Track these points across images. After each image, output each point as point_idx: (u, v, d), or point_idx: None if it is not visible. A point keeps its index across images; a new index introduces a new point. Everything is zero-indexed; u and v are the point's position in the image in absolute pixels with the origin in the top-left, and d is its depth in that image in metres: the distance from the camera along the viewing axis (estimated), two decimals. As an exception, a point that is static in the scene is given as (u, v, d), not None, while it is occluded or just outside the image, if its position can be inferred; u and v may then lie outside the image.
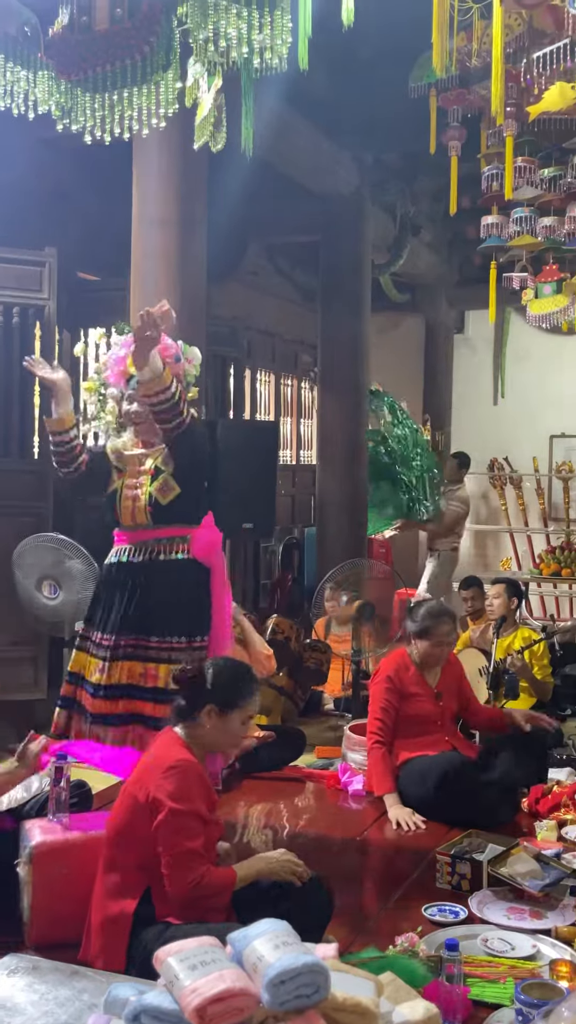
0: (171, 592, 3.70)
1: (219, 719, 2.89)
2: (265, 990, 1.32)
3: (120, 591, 3.77)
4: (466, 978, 2.61)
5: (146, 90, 2.79)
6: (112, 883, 2.76)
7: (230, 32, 2.70)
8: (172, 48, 2.76)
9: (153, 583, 3.72)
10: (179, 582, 3.72)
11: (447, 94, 5.18)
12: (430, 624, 4.48)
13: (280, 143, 6.60)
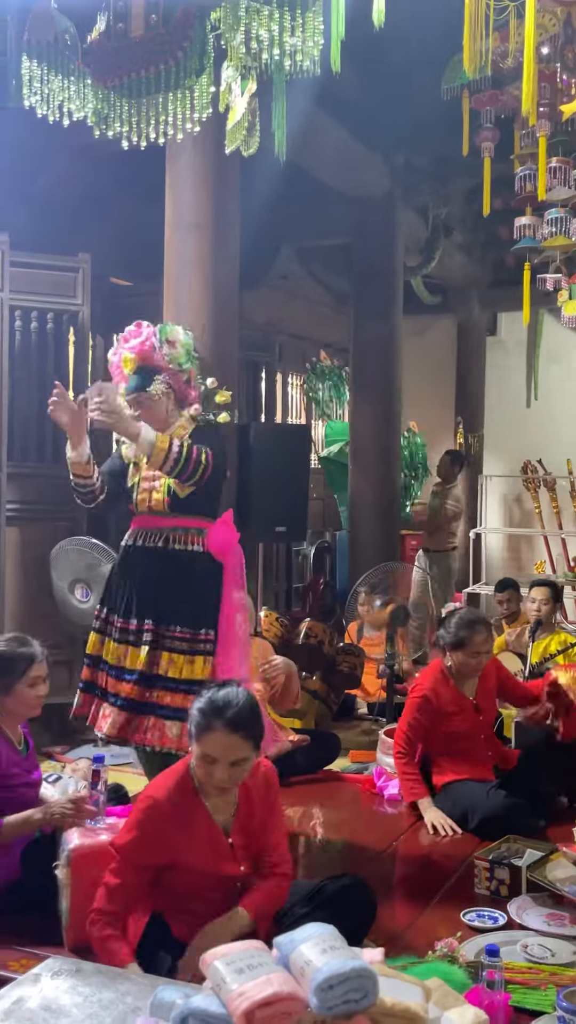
0: (182, 582, 3.68)
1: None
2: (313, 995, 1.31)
3: (136, 575, 3.75)
4: (507, 984, 2.59)
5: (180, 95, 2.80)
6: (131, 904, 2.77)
7: (262, 34, 2.70)
8: (206, 52, 2.77)
9: (167, 570, 3.69)
10: (191, 573, 3.69)
11: (480, 95, 5.16)
12: (465, 634, 4.32)
13: (311, 146, 6.61)
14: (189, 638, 3.65)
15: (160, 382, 3.69)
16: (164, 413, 3.74)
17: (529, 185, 5.62)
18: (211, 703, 2.70)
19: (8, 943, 3.04)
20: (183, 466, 3.56)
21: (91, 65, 2.84)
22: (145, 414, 3.74)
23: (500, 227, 9.17)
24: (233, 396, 5.53)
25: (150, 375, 3.70)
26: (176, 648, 3.65)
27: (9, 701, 3.38)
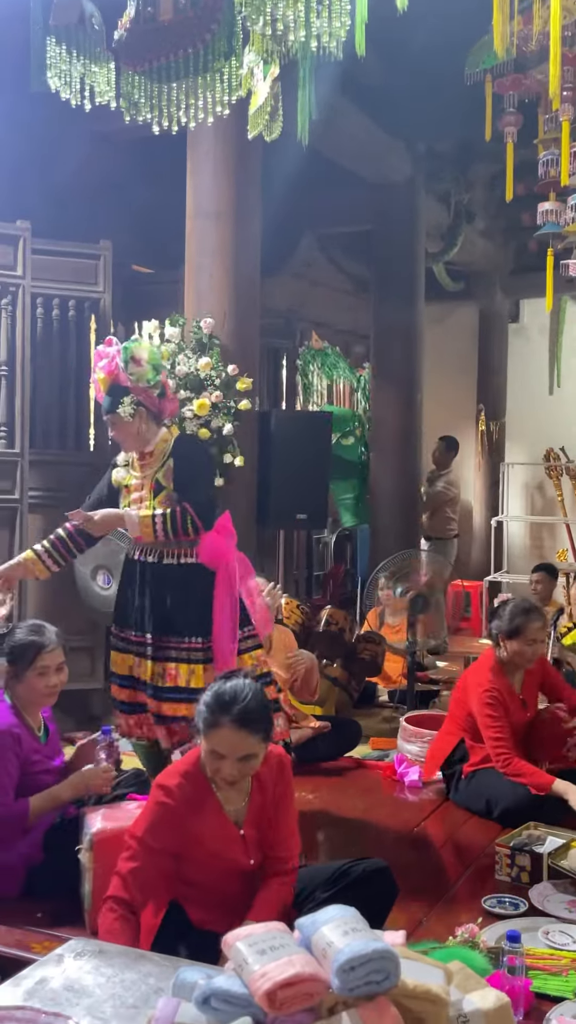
0: (174, 593, 3.71)
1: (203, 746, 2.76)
2: (335, 976, 1.31)
3: (139, 588, 3.79)
4: (528, 970, 2.60)
5: (210, 78, 2.79)
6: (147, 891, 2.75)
7: (288, 15, 2.68)
8: (235, 35, 2.76)
9: (160, 583, 3.73)
10: (187, 584, 3.71)
11: (503, 80, 5.12)
12: (521, 622, 4.26)
13: (333, 133, 6.58)
14: (184, 647, 3.69)
15: (128, 404, 3.68)
16: (137, 431, 3.74)
17: (552, 170, 5.57)
18: (217, 698, 2.64)
19: (31, 925, 3.07)
20: (172, 529, 3.64)
21: (120, 50, 2.84)
22: (119, 434, 3.79)
23: (523, 213, 9.08)
24: (254, 383, 5.56)
25: (119, 395, 3.70)
26: (171, 657, 3.69)
27: (20, 688, 3.41)
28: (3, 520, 5.69)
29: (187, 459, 3.78)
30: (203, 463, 3.96)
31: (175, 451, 3.78)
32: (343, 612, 6.19)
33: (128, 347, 3.71)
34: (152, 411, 3.77)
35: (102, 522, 3.74)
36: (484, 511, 11.22)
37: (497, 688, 4.24)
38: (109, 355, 3.72)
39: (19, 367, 5.73)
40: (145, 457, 3.82)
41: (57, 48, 2.87)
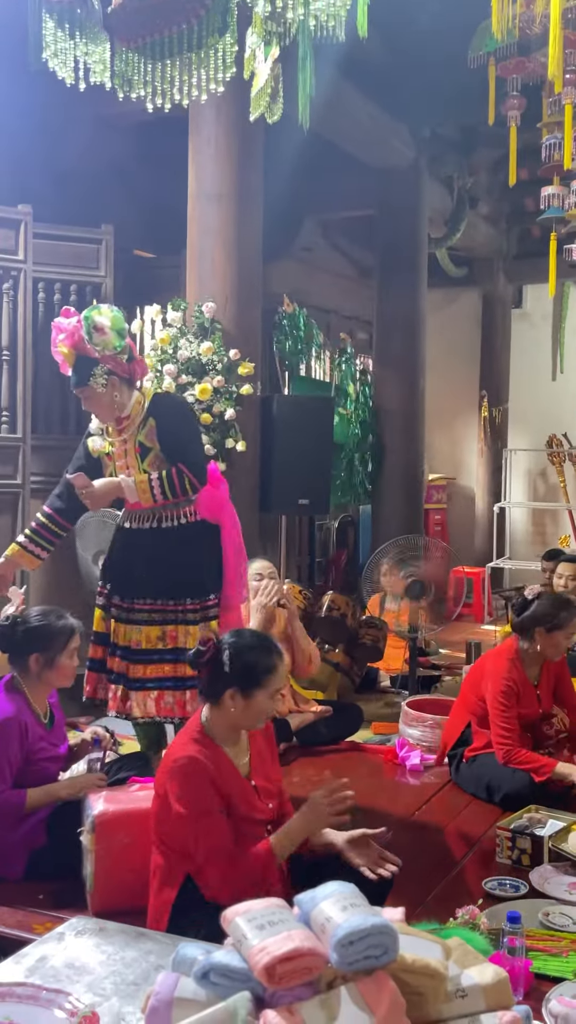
0: (182, 555, 3.67)
1: (243, 701, 2.73)
2: (334, 950, 1.32)
3: (133, 555, 3.76)
4: (528, 951, 2.61)
5: (204, 55, 2.78)
6: (159, 867, 2.75)
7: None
8: (229, 10, 2.75)
9: (163, 548, 3.70)
10: (189, 545, 3.68)
11: (506, 63, 5.10)
12: (566, 616, 4.20)
13: (335, 116, 6.56)
14: (199, 607, 3.69)
15: (100, 375, 3.61)
16: (111, 399, 3.66)
17: (556, 154, 5.56)
18: (263, 644, 2.80)
19: (33, 907, 3.08)
20: (171, 491, 3.60)
21: (114, 27, 2.82)
22: (93, 406, 3.71)
23: (526, 197, 9.07)
24: (256, 368, 5.56)
25: (88, 368, 3.61)
26: (190, 620, 3.69)
27: (52, 674, 3.42)
28: (5, 505, 5.70)
29: (171, 418, 3.71)
30: (188, 420, 3.85)
31: (154, 411, 3.70)
32: (345, 597, 6.18)
33: (88, 316, 3.60)
34: (124, 377, 3.69)
35: (101, 492, 3.66)
36: (487, 497, 11.21)
37: (514, 679, 4.21)
38: (69, 328, 3.63)
39: (21, 352, 5.72)
40: (122, 422, 3.74)
41: (53, 26, 2.86)
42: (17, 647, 3.41)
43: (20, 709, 3.35)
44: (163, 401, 3.81)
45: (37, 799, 3.29)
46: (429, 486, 10.08)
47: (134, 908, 2.79)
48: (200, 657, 2.73)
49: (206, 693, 2.78)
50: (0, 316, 5.72)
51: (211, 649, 2.75)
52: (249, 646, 2.78)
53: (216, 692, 2.74)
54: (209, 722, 2.77)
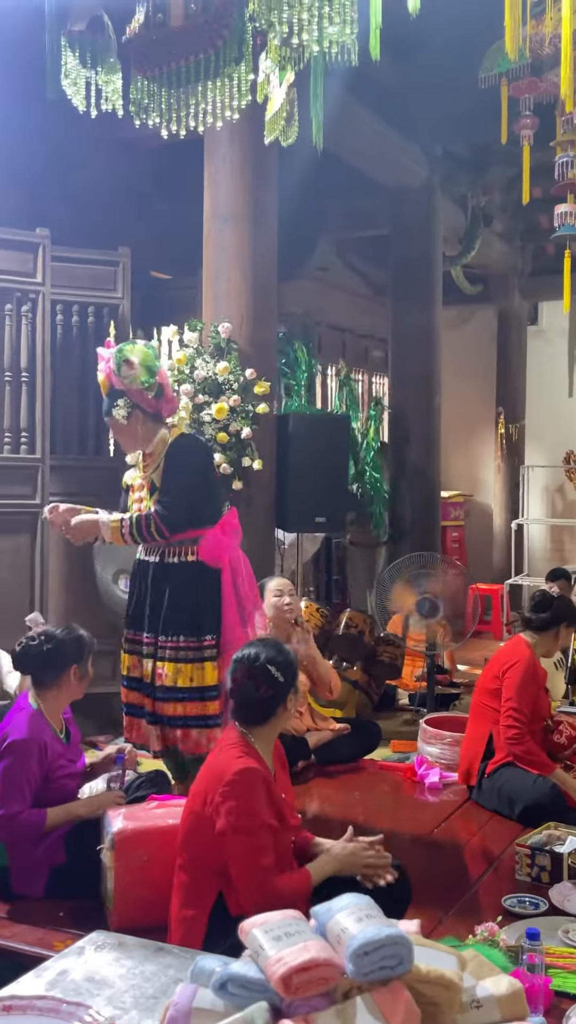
0: (180, 593, 3.71)
1: (283, 712, 2.84)
2: (349, 961, 1.33)
3: (141, 588, 3.82)
4: (547, 968, 2.60)
5: (220, 83, 2.82)
6: (185, 885, 2.74)
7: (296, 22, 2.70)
8: (244, 40, 2.79)
9: (165, 583, 3.74)
10: (188, 583, 3.71)
11: (518, 83, 5.13)
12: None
13: (349, 137, 6.62)
14: (195, 646, 3.70)
15: (122, 406, 3.69)
16: (134, 433, 3.75)
17: (569, 172, 5.58)
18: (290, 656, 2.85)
19: (53, 924, 3.10)
20: (139, 534, 3.67)
21: (131, 56, 2.87)
22: (118, 435, 3.83)
23: (540, 215, 9.11)
24: (272, 387, 5.59)
25: (114, 398, 3.71)
26: (183, 658, 3.69)
27: (80, 685, 3.49)
28: (25, 525, 5.73)
29: (178, 460, 3.75)
30: (192, 467, 3.81)
31: (169, 450, 3.77)
32: (362, 615, 6.19)
33: (122, 349, 3.69)
34: (149, 412, 3.76)
35: (77, 528, 3.75)
36: (504, 514, 11.20)
37: (535, 665, 4.31)
38: (106, 357, 3.74)
39: (39, 373, 5.78)
40: (147, 458, 3.84)
41: (70, 55, 2.91)
42: (50, 663, 3.43)
43: (40, 728, 3.37)
44: (181, 443, 3.84)
45: (56, 818, 3.31)
46: (446, 503, 10.08)
47: (153, 925, 2.79)
48: (258, 680, 2.76)
49: (258, 716, 2.80)
50: (19, 338, 5.77)
51: (260, 672, 2.77)
52: (286, 659, 2.83)
53: (271, 712, 2.79)
54: (255, 737, 2.79)
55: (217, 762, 2.74)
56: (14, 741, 3.29)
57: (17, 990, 1.79)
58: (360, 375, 10.61)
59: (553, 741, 4.40)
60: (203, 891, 2.69)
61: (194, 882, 2.71)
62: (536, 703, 4.30)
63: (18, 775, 3.26)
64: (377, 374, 10.78)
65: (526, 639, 4.40)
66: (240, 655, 2.83)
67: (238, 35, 2.74)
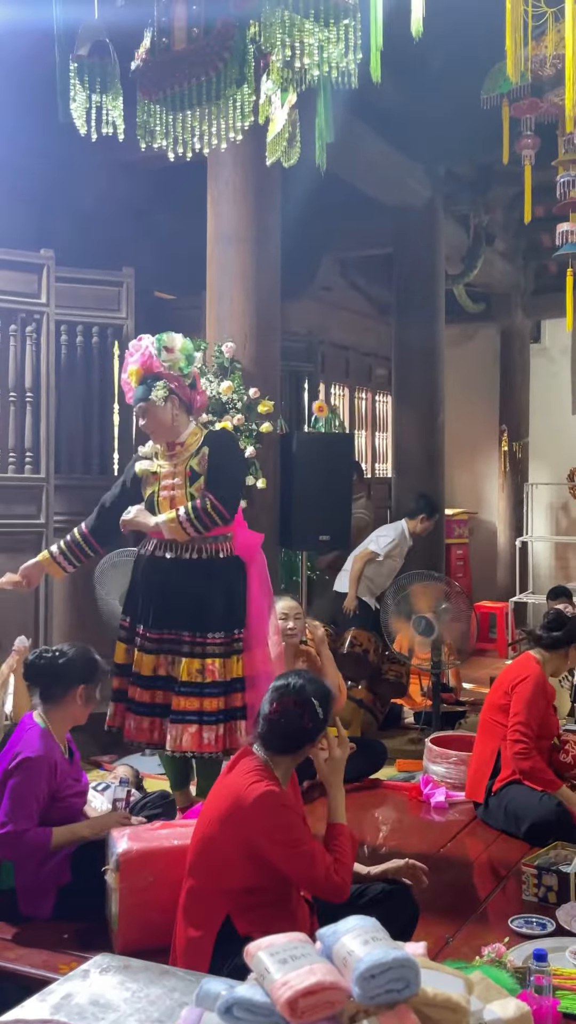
0: (209, 589, 3.75)
1: (312, 748, 2.83)
2: (355, 984, 1.32)
3: (155, 585, 3.83)
4: (555, 990, 2.58)
5: (223, 105, 2.85)
6: (192, 907, 2.73)
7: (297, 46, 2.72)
8: (246, 62, 2.81)
9: (190, 579, 3.77)
10: (219, 579, 3.76)
11: (520, 103, 5.17)
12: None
13: (351, 157, 6.65)
14: (224, 641, 3.73)
15: (162, 388, 3.76)
16: (170, 419, 3.81)
17: (571, 191, 5.61)
18: (327, 695, 2.80)
19: (58, 947, 3.08)
20: (200, 523, 3.70)
21: (137, 81, 2.90)
22: (152, 423, 3.84)
23: (542, 234, 9.14)
24: (276, 406, 5.60)
25: (152, 383, 3.79)
26: (214, 653, 3.74)
27: (84, 708, 3.47)
28: (29, 544, 5.74)
29: (223, 451, 3.87)
30: (237, 457, 4.08)
31: (210, 441, 3.85)
32: (367, 633, 6.18)
33: (161, 337, 3.83)
34: (184, 401, 3.85)
35: (132, 523, 3.83)
36: (508, 532, 11.19)
37: (544, 682, 4.33)
38: (141, 347, 3.81)
39: (44, 393, 5.80)
40: (175, 447, 3.87)
41: (75, 79, 2.94)
42: (60, 678, 3.43)
43: (51, 747, 3.36)
44: (220, 434, 4.02)
45: (62, 837, 3.31)
46: (450, 521, 10.08)
47: (159, 946, 2.79)
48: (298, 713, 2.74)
49: (289, 747, 2.78)
50: (24, 358, 5.80)
51: (301, 703, 2.74)
52: (326, 692, 2.81)
53: (304, 743, 2.78)
54: (274, 763, 2.76)
55: (235, 786, 2.69)
56: (27, 758, 3.28)
57: (22, 1014, 1.78)
58: (364, 393, 10.63)
59: (559, 760, 4.39)
60: (211, 912, 2.68)
61: (202, 904, 2.70)
62: (545, 720, 4.29)
63: (27, 792, 3.25)
64: (380, 392, 10.80)
65: (535, 656, 4.40)
66: (286, 684, 2.78)
67: (239, 57, 2.76)
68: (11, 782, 3.26)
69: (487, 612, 9.75)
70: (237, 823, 2.63)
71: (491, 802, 4.26)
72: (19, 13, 3.89)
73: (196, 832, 2.80)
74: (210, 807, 2.77)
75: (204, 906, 2.69)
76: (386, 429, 10.76)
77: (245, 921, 2.63)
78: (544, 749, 4.31)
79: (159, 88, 2.79)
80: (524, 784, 4.15)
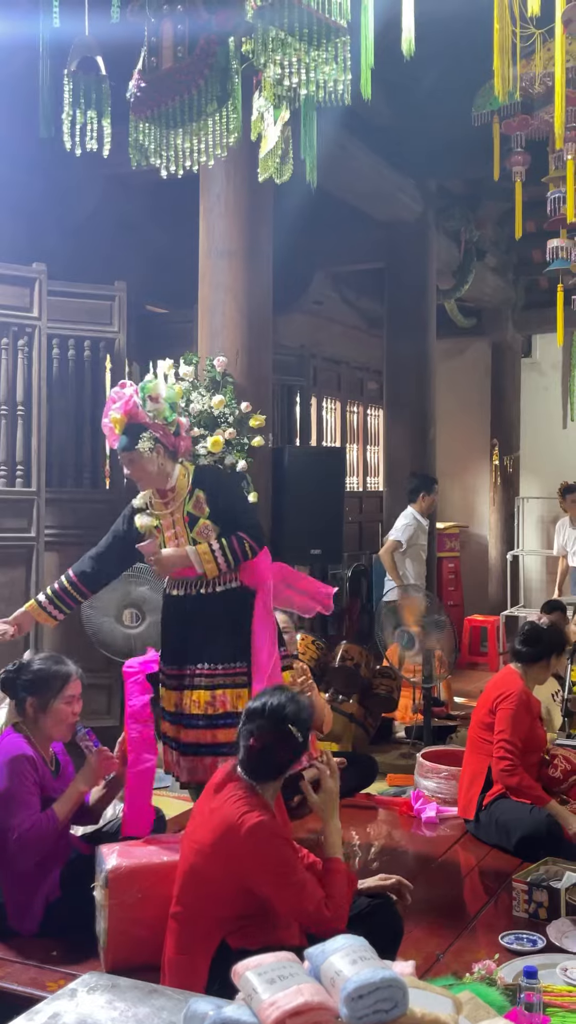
0: (218, 620, 3.74)
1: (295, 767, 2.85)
2: (343, 1004, 1.32)
3: (175, 623, 3.84)
4: (546, 1007, 2.57)
5: (206, 122, 2.87)
6: (181, 932, 2.71)
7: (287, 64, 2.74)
8: (230, 78, 2.83)
9: (202, 613, 3.77)
10: (227, 610, 3.75)
11: (510, 120, 5.21)
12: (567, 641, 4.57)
13: (343, 172, 6.68)
14: (234, 672, 3.72)
15: (147, 439, 3.73)
16: (156, 468, 3.79)
17: (561, 207, 5.64)
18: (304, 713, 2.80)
19: (46, 963, 3.06)
20: (232, 557, 3.70)
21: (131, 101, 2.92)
22: (136, 471, 3.82)
23: (533, 249, 9.19)
24: (267, 420, 5.60)
25: (137, 433, 3.74)
26: (224, 684, 3.72)
27: (46, 719, 3.42)
28: (20, 558, 5.73)
29: (219, 490, 3.86)
30: (234, 488, 4.04)
31: (200, 483, 3.83)
32: (359, 647, 6.17)
33: (145, 386, 3.78)
34: (168, 448, 3.83)
35: (169, 561, 3.76)
36: (500, 545, 11.21)
37: (528, 696, 4.33)
38: (124, 396, 3.78)
39: (35, 407, 5.80)
40: (167, 495, 3.85)
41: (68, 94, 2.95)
42: (16, 692, 3.44)
43: (24, 747, 3.35)
44: (207, 473, 3.97)
45: (63, 807, 3.30)
46: (441, 535, 10.08)
47: (148, 964, 2.77)
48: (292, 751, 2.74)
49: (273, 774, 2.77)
50: (16, 372, 5.80)
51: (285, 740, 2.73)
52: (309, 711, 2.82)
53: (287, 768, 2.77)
54: (260, 788, 2.74)
55: (227, 816, 2.65)
56: (7, 759, 3.28)
57: (8, 1033, 1.78)
58: (356, 407, 10.66)
59: (548, 775, 4.39)
60: (205, 939, 2.66)
61: (195, 930, 2.69)
62: (530, 735, 4.29)
63: (20, 790, 3.24)
64: (372, 406, 10.82)
65: (517, 671, 4.41)
66: (261, 708, 2.76)
67: (221, 73, 2.77)
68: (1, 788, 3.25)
69: (478, 626, 9.76)
70: (229, 854, 2.60)
71: (482, 816, 4.26)
72: (12, 29, 3.91)
73: (184, 859, 2.77)
74: (198, 835, 2.73)
75: (197, 932, 2.68)
76: (377, 443, 10.79)
77: (238, 938, 2.63)
78: (532, 764, 4.30)
79: (148, 107, 2.81)
80: (512, 799, 4.15)
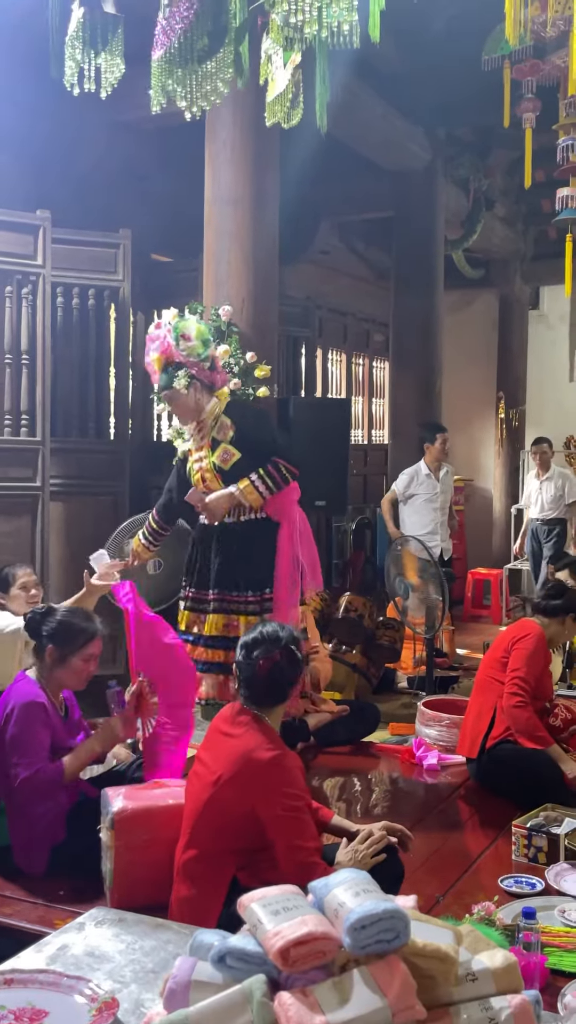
0: (245, 549, 3.97)
1: (294, 692, 2.91)
2: (346, 935, 1.35)
3: (204, 550, 4.09)
4: (544, 947, 2.62)
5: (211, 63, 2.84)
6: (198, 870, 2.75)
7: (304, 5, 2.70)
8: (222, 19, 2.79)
9: (230, 541, 4.00)
10: (253, 540, 3.97)
11: (521, 65, 5.12)
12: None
13: (352, 120, 6.60)
14: (257, 600, 3.96)
15: (183, 376, 3.96)
16: (193, 403, 4.03)
17: (572, 156, 5.56)
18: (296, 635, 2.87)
19: (53, 902, 3.12)
20: (273, 483, 3.91)
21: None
22: (177, 408, 4.09)
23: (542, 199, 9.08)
24: (272, 371, 5.59)
25: (174, 371, 3.98)
26: (249, 611, 3.97)
27: (62, 672, 3.44)
28: (25, 507, 5.75)
29: (249, 421, 4.07)
30: (264, 419, 4.27)
31: (229, 411, 4.04)
32: (362, 599, 6.21)
33: (176, 326, 3.96)
34: (205, 383, 4.05)
35: (215, 504, 3.98)
36: (504, 499, 11.21)
37: (545, 641, 4.35)
38: (160, 336, 3.94)
39: (40, 356, 5.78)
40: (199, 424, 4.10)
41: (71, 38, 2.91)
42: (39, 636, 3.46)
43: (41, 695, 3.38)
44: (237, 406, 4.18)
45: (73, 763, 3.34)
46: (446, 488, 10.06)
47: (153, 904, 2.81)
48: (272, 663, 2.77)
49: (279, 698, 2.82)
50: (20, 320, 5.77)
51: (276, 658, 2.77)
52: (297, 660, 2.84)
53: (290, 690, 2.83)
54: (268, 716, 2.80)
55: (243, 749, 2.70)
56: (18, 704, 3.31)
57: (18, 964, 1.82)
58: (361, 359, 10.61)
59: (549, 724, 4.43)
60: (218, 873, 2.71)
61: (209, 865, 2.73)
62: (541, 680, 4.32)
63: (28, 737, 3.27)
64: (378, 358, 10.77)
65: (536, 621, 4.42)
66: (265, 635, 2.81)
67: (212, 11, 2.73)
68: (9, 734, 3.28)
69: (482, 579, 9.79)
70: (247, 781, 2.66)
71: (484, 759, 4.31)
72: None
73: (195, 796, 2.80)
74: (211, 769, 2.76)
75: (211, 867, 2.72)
76: (383, 395, 10.76)
77: (247, 874, 2.68)
78: (537, 711, 4.34)
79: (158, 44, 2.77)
80: (516, 743, 4.20)
